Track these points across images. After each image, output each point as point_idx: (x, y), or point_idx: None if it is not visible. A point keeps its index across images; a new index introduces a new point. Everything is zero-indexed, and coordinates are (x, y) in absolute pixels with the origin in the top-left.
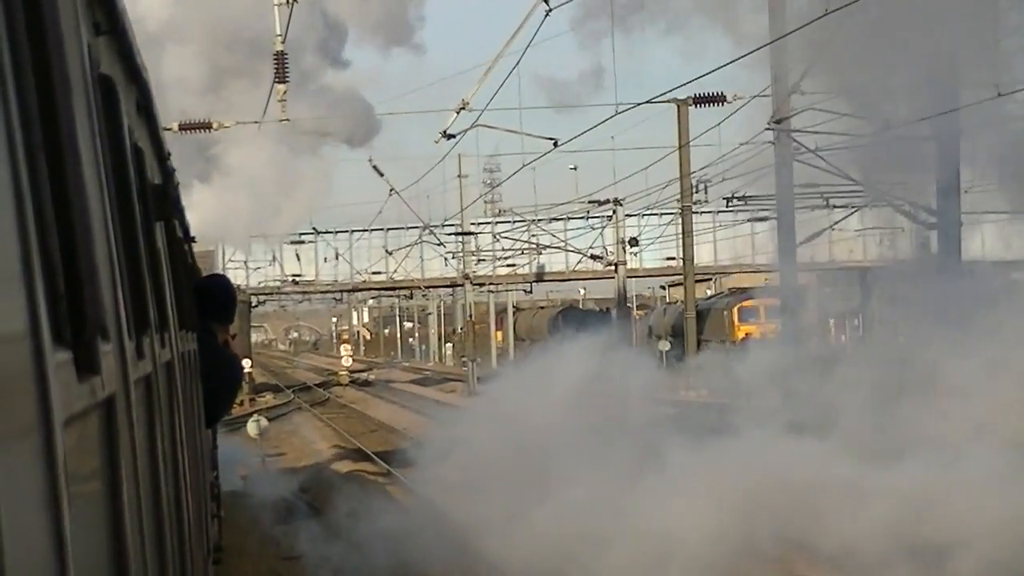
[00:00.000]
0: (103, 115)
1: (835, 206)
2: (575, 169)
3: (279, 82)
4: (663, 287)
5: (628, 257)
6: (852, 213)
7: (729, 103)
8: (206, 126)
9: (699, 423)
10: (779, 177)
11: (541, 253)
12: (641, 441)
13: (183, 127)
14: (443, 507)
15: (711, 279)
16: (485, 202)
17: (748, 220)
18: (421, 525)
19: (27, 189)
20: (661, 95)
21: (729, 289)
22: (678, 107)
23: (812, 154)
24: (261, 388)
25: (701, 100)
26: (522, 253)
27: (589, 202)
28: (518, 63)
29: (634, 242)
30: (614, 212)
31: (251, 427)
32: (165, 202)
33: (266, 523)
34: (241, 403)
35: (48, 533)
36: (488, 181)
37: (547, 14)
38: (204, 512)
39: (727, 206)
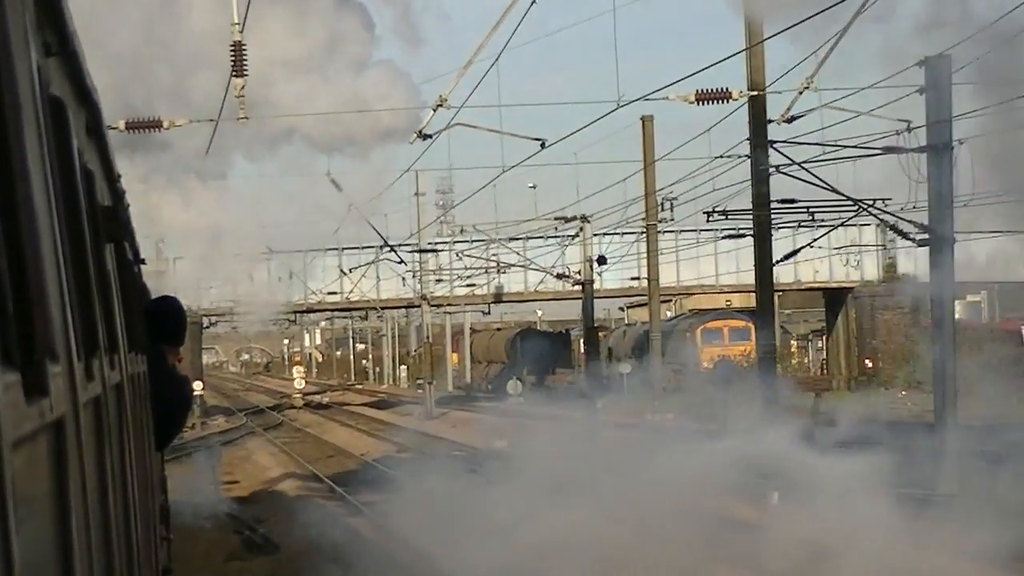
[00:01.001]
0: (53, 137)
1: (821, 223)
2: (534, 187)
3: (236, 76)
4: (622, 308)
5: (595, 276)
6: (831, 231)
7: (735, 100)
8: (156, 124)
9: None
10: (756, 192)
11: (504, 272)
12: (600, 465)
13: (131, 125)
14: (405, 537)
15: (671, 300)
16: (441, 222)
17: (724, 237)
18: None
19: None
20: (660, 89)
21: (690, 310)
22: (643, 123)
23: (798, 167)
24: (213, 411)
25: (705, 97)
26: (485, 272)
27: (555, 218)
28: (499, 56)
29: (602, 260)
30: (581, 229)
31: (202, 457)
32: (115, 224)
33: (218, 559)
34: (192, 426)
35: None
36: (441, 203)
37: (533, 2)
38: (153, 535)
39: (707, 220)
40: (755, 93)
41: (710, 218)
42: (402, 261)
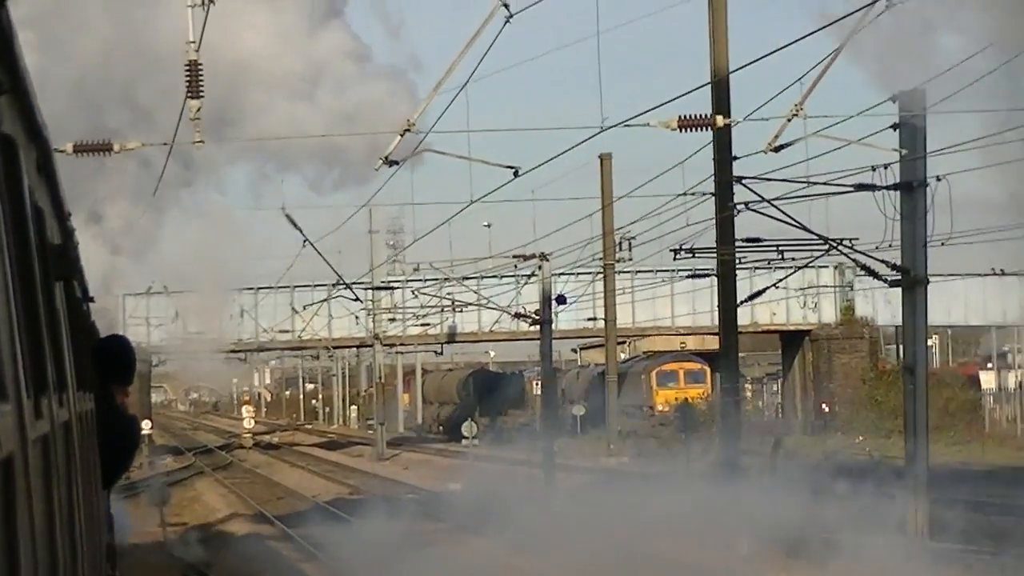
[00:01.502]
0: (3, 175)
1: (791, 261)
2: (489, 226)
3: (192, 97)
4: (574, 350)
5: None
6: (795, 271)
7: (719, 128)
8: (106, 148)
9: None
10: (720, 230)
11: (461, 311)
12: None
13: (79, 149)
14: None
15: (626, 342)
16: (393, 261)
17: (689, 276)
18: None
19: None
20: (641, 114)
21: (644, 352)
22: (601, 161)
23: (768, 203)
24: (161, 450)
25: (688, 123)
26: (441, 310)
27: (513, 256)
28: (471, 76)
29: (561, 300)
30: (540, 267)
31: (150, 497)
32: (64, 262)
33: None
34: (140, 466)
35: None
36: (392, 243)
37: (507, 21)
38: (99, 573)
39: (674, 259)
40: (732, 121)
41: (677, 255)
42: (357, 298)
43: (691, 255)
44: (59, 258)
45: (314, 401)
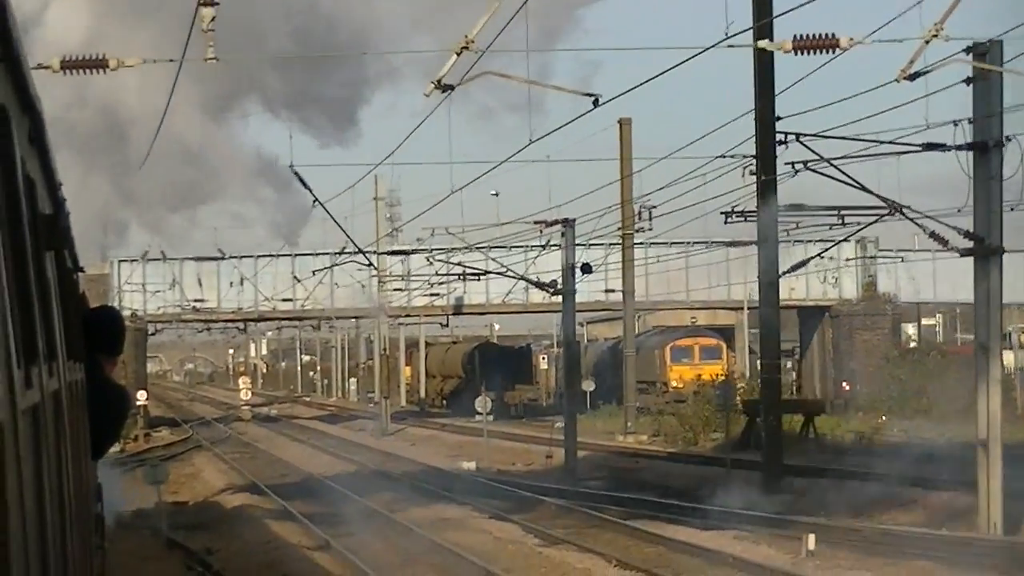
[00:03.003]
0: None
1: (851, 225)
2: (496, 195)
3: (205, 4)
4: (581, 324)
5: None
6: (840, 241)
7: (844, 49)
8: (100, 64)
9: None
10: (762, 195)
11: (479, 279)
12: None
13: (67, 65)
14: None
15: (635, 316)
16: (395, 231)
17: (730, 245)
18: None
19: None
20: (733, 36)
21: (654, 327)
22: (620, 126)
23: (827, 163)
24: (157, 422)
25: (805, 45)
26: (461, 278)
27: (535, 222)
28: None
29: (587, 269)
30: (563, 234)
31: (147, 475)
32: (55, 232)
33: None
34: (136, 439)
35: None
36: (389, 216)
37: None
38: (88, 544)
39: (725, 222)
40: (859, 41)
41: (728, 219)
42: (370, 264)
43: (742, 219)
44: (50, 229)
45: (312, 373)
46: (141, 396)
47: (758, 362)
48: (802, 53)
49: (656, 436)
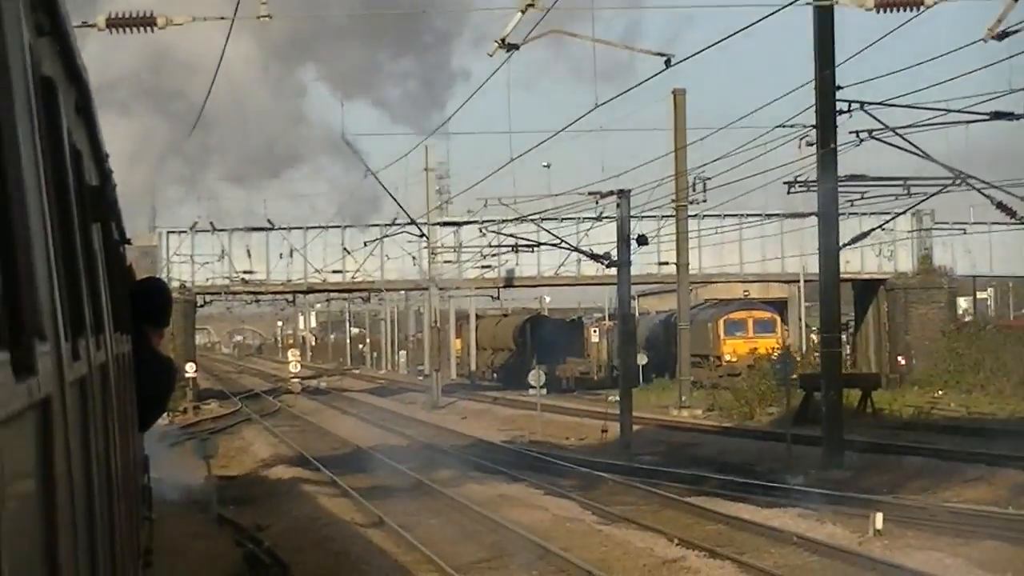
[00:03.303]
0: (43, 117)
1: (909, 198)
2: (548, 167)
3: None
4: (633, 297)
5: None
6: (901, 214)
7: (928, 6)
8: (148, 22)
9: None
10: (822, 166)
11: (533, 250)
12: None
13: (112, 23)
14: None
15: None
16: (447, 203)
17: (791, 216)
18: None
19: None
20: None
21: (706, 300)
22: (674, 96)
23: (892, 132)
24: (205, 395)
25: (887, 3)
26: (514, 249)
27: (590, 193)
28: None
29: (642, 240)
30: (618, 205)
31: (196, 449)
32: (102, 204)
33: None
34: (184, 411)
35: None
36: (438, 188)
37: None
38: (135, 514)
39: (788, 192)
40: None
41: (791, 189)
42: (423, 235)
43: (805, 189)
44: (97, 200)
45: (361, 346)
46: (190, 368)
47: (812, 336)
48: (885, 11)
49: (711, 410)
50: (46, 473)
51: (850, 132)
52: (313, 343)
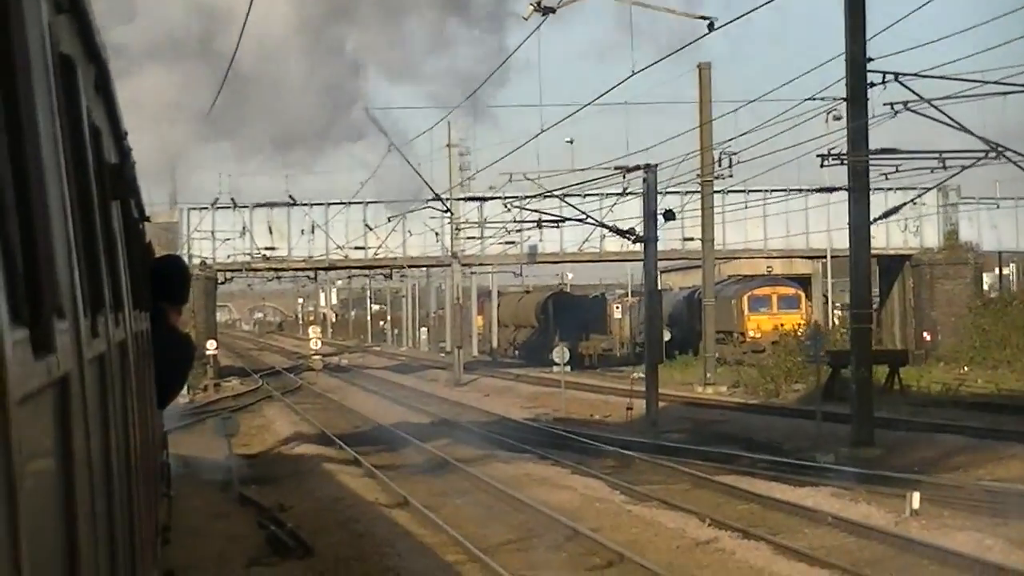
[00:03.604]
0: (62, 94)
1: (944, 172)
2: (571, 142)
3: None
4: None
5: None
6: (932, 188)
7: None
8: None
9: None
10: (853, 138)
11: (558, 226)
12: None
13: None
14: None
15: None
16: (470, 179)
17: (817, 191)
18: None
19: None
20: None
21: (729, 276)
22: (700, 71)
23: (928, 104)
24: (226, 372)
25: None
26: (537, 225)
27: (616, 168)
28: None
29: (669, 215)
30: (644, 180)
31: (217, 427)
32: (121, 182)
33: (237, 562)
34: (205, 388)
35: (0, 509)
36: (460, 166)
37: None
38: (154, 492)
39: (821, 165)
40: None
41: (824, 162)
42: (448, 210)
43: (839, 162)
44: (116, 178)
45: (382, 323)
46: (211, 345)
47: (837, 312)
48: None
49: (736, 387)
50: (65, 451)
51: (884, 104)
52: (334, 320)
